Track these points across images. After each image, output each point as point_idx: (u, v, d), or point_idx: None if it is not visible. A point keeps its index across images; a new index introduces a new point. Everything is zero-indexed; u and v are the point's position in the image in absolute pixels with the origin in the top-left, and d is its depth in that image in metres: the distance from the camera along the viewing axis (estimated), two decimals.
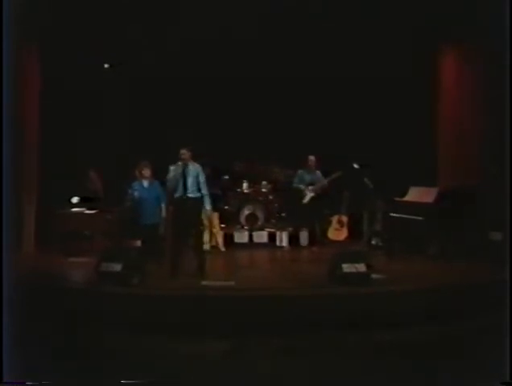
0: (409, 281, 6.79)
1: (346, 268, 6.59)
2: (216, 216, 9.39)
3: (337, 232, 9.59)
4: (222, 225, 9.78)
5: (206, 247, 9.20)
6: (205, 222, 9.17)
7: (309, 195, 9.50)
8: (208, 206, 7.32)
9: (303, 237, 9.76)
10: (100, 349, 5.32)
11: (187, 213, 7.19)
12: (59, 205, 8.90)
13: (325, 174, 9.58)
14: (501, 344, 4.49)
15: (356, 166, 9.18)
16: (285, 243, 9.76)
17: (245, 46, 9.26)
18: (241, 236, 9.92)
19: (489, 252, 7.12)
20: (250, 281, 7.12)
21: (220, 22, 8.66)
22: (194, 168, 7.26)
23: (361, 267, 6.59)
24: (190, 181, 7.22)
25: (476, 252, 7.48)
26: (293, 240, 9.80)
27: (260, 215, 10.03)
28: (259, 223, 10.02)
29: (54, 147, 9.15)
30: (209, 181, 9.03)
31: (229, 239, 9.72)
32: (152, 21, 8.70)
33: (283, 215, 10.52)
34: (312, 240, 9.61)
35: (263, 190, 10.51)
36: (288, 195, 10.18)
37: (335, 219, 9.60)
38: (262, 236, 9.92)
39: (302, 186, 9.55)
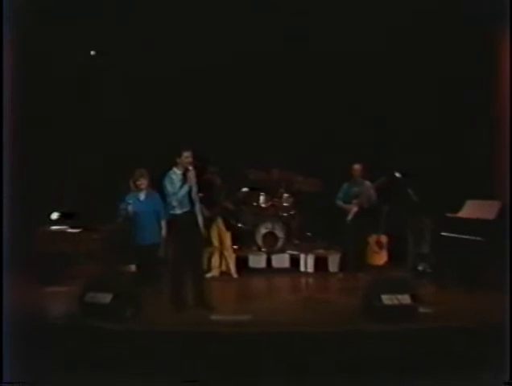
0: (464, 317, 6.76)
1: (386, 299, 6.60)
2: (228, 236, 9.45)
3: (375, 256, 9.58)
4: (234, 247, 9.81)
5: (215, 273, 9.31)
6: (215, 243, 9.30)
7: (353, 211, 9.48)
8: (201, 223, 7.38)
9: (334, 261, 9.78)
10: None
11: (196, 232, 7.25)
12: (36, 222, 8.99)
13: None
14: None
15: (397, 174, 9.16)
16: (311, 268, 9.80)
17: (266, 41, 9.84)
18: (257, 260, 9.95)
19: None
20: (269, 314, 7.14)
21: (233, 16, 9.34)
22: (194, 175, 7.30)
23: (405, 298, 6.60)
24: (194, 192, 7.29)
25: None
26: (321, 264, 9.82)
27: (280, 234, 10.06)
28: (279, 244, 10.05)
29: (30, 153, 9.29)
30: (219, 193, 9.21)
31: (242, 263, 9.75)
32: (155, 19, 9.33)
33: (309, 234, 10.53)
34: (344, 265, 9.59)
35: (284, 203, 10.55)
36: (315, 210, 10.27)
37: (373, 239, 9.59)
38: (282, 260, 9.96)
39: (341, 203, 9.55)
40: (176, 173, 7.27)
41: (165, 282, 7.71)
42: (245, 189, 10.15)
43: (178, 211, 7.21)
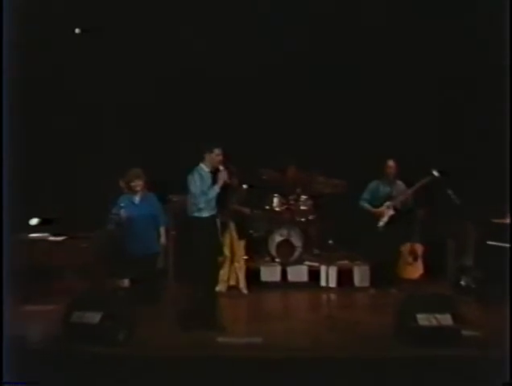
0: None
1: (423, 320, 6.58)
2: (242, 245, 9.45)
3: (410, 268, 9.51)
4: (244, 257, 9.77)
5: (222, 288, 9.26)
6: (226, 252, 9.27)
7: (388, 214, 9.47)
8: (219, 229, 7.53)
9: (360, 274, 9.80)
10: None
11: (217, 239, 7.41)
12: (12, 229, 8.96)
13: (408, 185, 9.57)
14: None
15: (435, 173, 9.09)
16: (333, 282, 9.73)
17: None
18: (270, 273, 9.91)
19: None
20: (284, 337, 7.14)
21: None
22: (226, 177, 7.37)
23: (445, 319, 6.58)
24: (223, 194, 7.40)
25: None
26: (345, 278, 9.82)
27: (297, 242, 10.01)
28: (296, 253, 10.00)
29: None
30: (232, 195, 9.13)
31: (253, 276, 9.72)
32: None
33: (331, 242, 10.36)
34: (373, 279, 9.63)
35: (302, 207, 10.52)
36: (338, 214, 10.23)
37: (406, 248, 9.53)
38: (299, 273, 9.94)
39: (368, 205, 9.55)
40: (204, 170, 7.36)
41: (166, 299, 7.83)
42: (244, 185, 9.95)
43: (205, 214, 7.29)
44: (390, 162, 9.50)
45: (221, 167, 7.30)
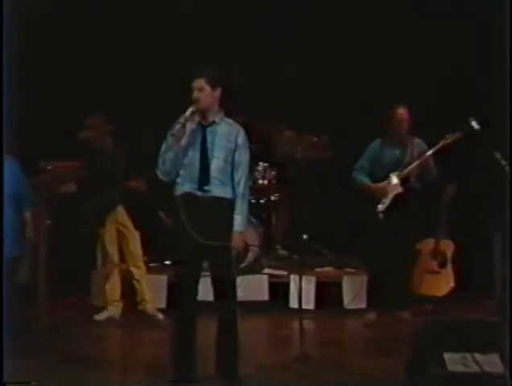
0: None
1: (453, 362, 6.51)
2: (137, 240, 9.45)
3: (433, 278, 9.69)
4: (167, 262, 9.90)
5: (114, 312, 9.41)
6: (112, 254, 9.38)
7: (393, 192, 9.47)
8: (242, 224, 7.23)
9: (352, 289, 9.91)
10: None
11: (205, 231, 7.12)
12: None
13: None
14: None
15: (475, 124, 8.86)
16: (310, 302, 9.80)
17: None
18: (207, 287, 9.65)
19: None
20: None
21: None
22: (227, 131, 7.18)
23: (491, 361, 6.49)
24: (216, 160, 7.09)
25: None
26: (328, 295, 10.03)
27: (251, 238, 9.89)
28: (250, 256, 9.99)
29: None
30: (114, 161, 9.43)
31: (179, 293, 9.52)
32: None
33: (305, 236, 10.36)
34: (373, 297, 9.69)
35: (260, 181, 10.64)
36: (316, 193, 10.44)
37: (427, 247, 9.72)
38: (256, 287, 10.07)
39: (366, 179, 9.63)
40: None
41: (34, 329, 8.03)
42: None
43: (182, 189, 7.07)
44: (401, 111, 9.55)
45: (191, 109, 6.87)
